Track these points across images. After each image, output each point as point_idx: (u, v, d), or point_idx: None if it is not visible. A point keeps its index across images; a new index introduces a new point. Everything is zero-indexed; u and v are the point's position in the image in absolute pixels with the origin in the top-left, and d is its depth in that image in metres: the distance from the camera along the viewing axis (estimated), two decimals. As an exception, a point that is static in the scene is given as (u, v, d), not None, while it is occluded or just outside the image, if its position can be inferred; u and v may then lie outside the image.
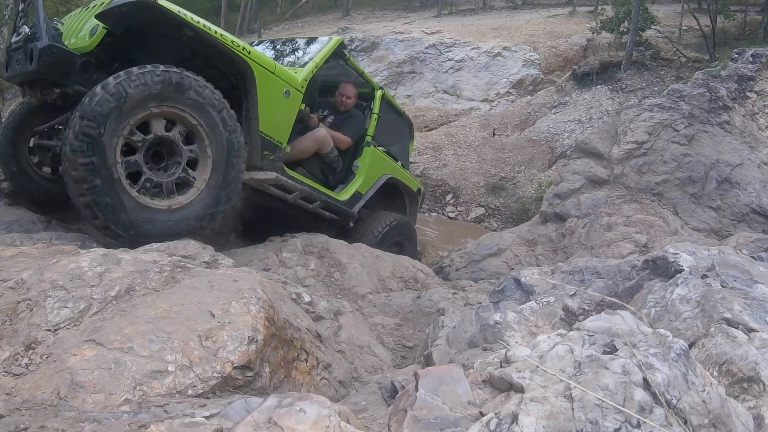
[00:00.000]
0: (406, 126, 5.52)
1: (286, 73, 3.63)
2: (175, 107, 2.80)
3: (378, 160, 4.70)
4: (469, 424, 1.14)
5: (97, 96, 2.56)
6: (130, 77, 2.64)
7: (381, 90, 4.87)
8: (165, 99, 2.75)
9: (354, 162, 4.54)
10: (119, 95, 2.60)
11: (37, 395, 1.42)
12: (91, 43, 2.89)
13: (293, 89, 3.63)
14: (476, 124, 12.60)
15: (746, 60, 7.04)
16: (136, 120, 2.70)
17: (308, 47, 4.34)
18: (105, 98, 2.56)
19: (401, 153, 5.36)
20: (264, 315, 1.81)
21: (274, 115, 3.49)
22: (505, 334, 2.00)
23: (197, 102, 2.85)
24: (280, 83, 3.52)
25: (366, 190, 4.55)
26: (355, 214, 4.48)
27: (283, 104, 3.57)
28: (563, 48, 14.26)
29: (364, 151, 4.55)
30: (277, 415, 1.12)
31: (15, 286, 1.85)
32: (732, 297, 1.72)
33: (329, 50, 4.11)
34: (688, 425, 1.10)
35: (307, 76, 3.80)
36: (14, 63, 3.27)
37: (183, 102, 2.81)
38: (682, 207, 5.83)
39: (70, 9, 12.57)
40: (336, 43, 4.19)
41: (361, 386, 2.11)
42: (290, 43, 4.67)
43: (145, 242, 2.59)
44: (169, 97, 2.76)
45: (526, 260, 5.83)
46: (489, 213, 10.14)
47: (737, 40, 12.47)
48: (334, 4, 26.53)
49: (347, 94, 4.56)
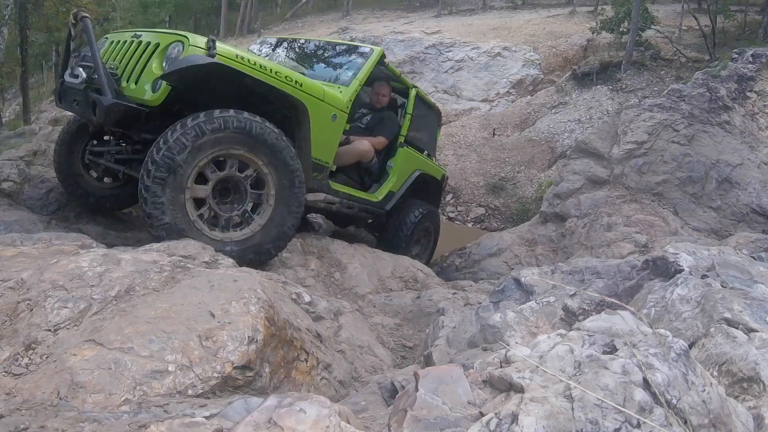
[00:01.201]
0: (435, 116, 5.67)
1: (333, 96, 3.73)
2: (251, 153, 3.03)
3: (410, 158, 4.90)
4: (469, 424, 1.14)
5: (184, 128, 2.81)
6: (211, 117, 2.87)
7: (415, 89, 4.98)
8: (243, 144, 2.97)
9: (387, 162, 4.72)
10: (199, 130, 2.83)
11: (37, 395, 1.42)
12: (157, 99, 2.99)
13: (339, 112, 3.76)
14: (476, 124, 12.61)
15: (746, 60, 7.03)
16: (214, 155, 2.92)
17: (349, 57, 4.40)
18: (190, 130, 2.81)
19: (429, 142, 5.53)
20: (264, 315, 1.81)
21: (322, 139, 3.64)
22: (505, 334, 2.00)
23: (272, 154, 3.08)
24: (328, 109, 3.66)
25: (398, 188, 4.76)
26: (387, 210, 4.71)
27: (330, 128, 3.71)
28: (563, 48, 14.26)
29: (397, 152, 4.73)
30: (277, 415, 1.12)
31: (15, 286, 1.85)
32: (732, 297, 1.72)
33: (371, 65, 4.20)
34: (688, 425, 1.10)
35: (351, 97, 3.91)
36: (71, 101, 3.36)
37: (259, 150, 3.03)
38: (682, 207, 5.83)
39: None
40: (378, 56, 4.28)
41: (361, 386, 2.11)
42: (330, 49, 4.70)
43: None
44: (247, 143, 2.98)
45: (526, 260, 5.83)
46: (489, 213, 10.14)
47: (737, 40, 12.47)
48: (334, 4, 26.54)
49: (383, 93, 4.74)
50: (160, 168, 2.75)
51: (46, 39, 17.32)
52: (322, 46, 4.81)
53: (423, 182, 5.16)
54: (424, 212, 5.05)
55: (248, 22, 24.41)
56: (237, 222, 3.12)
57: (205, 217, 3.00)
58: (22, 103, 13.58)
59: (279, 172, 3.13)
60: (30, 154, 4.36)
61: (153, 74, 3.00)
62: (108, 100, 2.94)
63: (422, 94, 5.15)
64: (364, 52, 4.37)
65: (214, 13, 29.31)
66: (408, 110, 4.88)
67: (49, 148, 4.45)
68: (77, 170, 3.98)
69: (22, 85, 13.72)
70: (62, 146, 3.95)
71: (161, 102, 2.99)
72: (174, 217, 2.82)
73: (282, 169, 3.13)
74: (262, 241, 3.14)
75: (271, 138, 3.06)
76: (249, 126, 2.97)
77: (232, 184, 3.12)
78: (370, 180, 4.64)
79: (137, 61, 3.16)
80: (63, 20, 13.27)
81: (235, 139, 2.95)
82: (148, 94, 2.99)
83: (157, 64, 3.03)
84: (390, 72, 4.69)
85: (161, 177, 2.76)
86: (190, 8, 28.11)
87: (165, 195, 2.79)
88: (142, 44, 3.20)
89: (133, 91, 3.08)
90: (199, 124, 2.84)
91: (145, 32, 3.33)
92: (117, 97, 2.99)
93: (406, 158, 4.83)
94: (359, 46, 4.56)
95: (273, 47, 5.00)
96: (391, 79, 4.84)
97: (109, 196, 4.12)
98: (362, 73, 4.10)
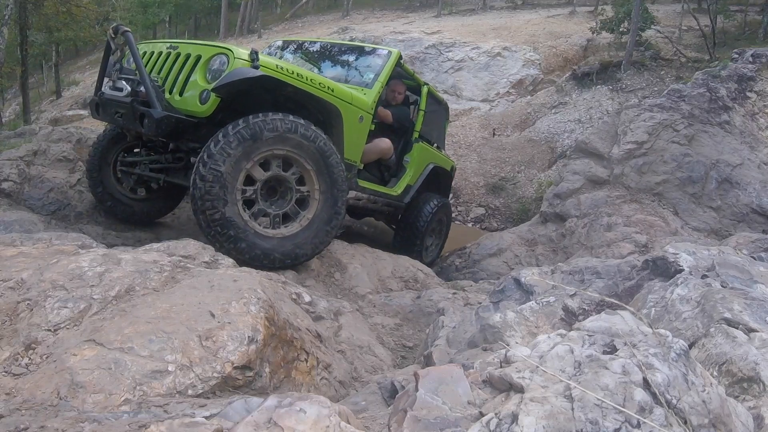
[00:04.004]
0: (444, 110, 5.99)
1: (359, 99, 3.91)
2: (295, 152, 3.18)
3: (424, 153, 5.20)
4: (469, 424, 1.14)
5: (238, 126, 2.96)
6: (266, 120, 3.03)
7: (426, 86, 5.26)
8: (288, 143, 3.13)
9: (404, 157, 5.00)
10: (255, 132, 2.99)
11: (37, 395, 1.42)
12: (207, 110, 3.11)
13: (365, 113, 3.96)
14: (476, 124, 12.60)
15: (746, 60, 7.03)
16: (261, 156, 3.08)
17: (370, 59, 4.58)
18: (243, 131, 2.96)
19: (438, 135, 5.85)
20: (264, 315, 1.81)
21: (351, 140, 3.84)
22: (505, 334, 2.00)
23: (315, 152, 3.24)
24: (356, 111, 3.85)
25: (415, 182, 5.07)
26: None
27: (358, 129, 3.91)
28: (563, 48, 14.26)
29: (413, 147, 5.02)
30: (277, 415, 1.12)
31: (15, 286, 1.85)
32: (732, 297, 1.72)
33: (391, 67, 4.40)
34: (688, 425, 1.10)
35: (375, 98, 4.11)
36: (112, 113, 3.45)
37: (303, 149, 3.19)
38: (682, 207, 5.82)
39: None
40: (396, 58, 4.48)
41: (361, 386, 2.11)
42: (350, 52, 4.88)
43: (244, 259, 2.97)
44: (291, 143, 3.14)
45: (526, 260, 5.83)
46: (489, 213, 10.14)
47: (737, 40, 12.47)
48: (334, 4, 26.54)
49: (398, 90, 5.00)
50: (213, 170, 2.87)
51: (46, 39, 17.33)
52: (342, 49, 4.99)
53: (435, 174, 5.44)
54: (439, 204, 5.36)
55: (248, 22, 24.40)
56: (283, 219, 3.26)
57: (256, 215, 3.15)
58: (22, 103, 13.58)
59: (320, 167, 3.28)
60: (30, 154, 4.36)
61: (198, 86, 3.13)
62: (158, 113, 3.05)
63: (433, 90, 5.40)
64: (383, 54, 4.56)
65: (214, 13, 29.30)
66: (421, 107, 5.15)
67: (49, 148, 4.45)
68: (110, 181, 4.09)
69: (22, 85, 13.72)
70: (95, 157, 4.05)
71: (211, 113, 3.11)
72: (229, 219, 2.94)
73: (326, 170, 3.30)
74: (309, 236, 3.28)
75: (318, 141, 3.22)
76: (294, 127, 3.12)
77: (279, 185, 3.27)
78: (388, 175, 4.86)
79: (178, 72, 3.28)
80: (63, 20, 13.28)
81: (284, 140, 3.10)
82: (196, 106, 3.11)
83: (201, 76, 3.16)
84: (405, 71, 4.95)
85: (214, 179, 2.88)
86: (190, 8, 28.10)
87: (219, 199, 2.90)
88: (182, 56, 3.32)
89: (179, 102, 3.20)
90: (256, 124, 2.98)
91: (181, 44, 3.45)
92: (166, 109, 3.12)
93: (421, 152, 5.11)
94: (377, 48, 4.77)
95: (294, 50, 5.14)
96: (405, 78, 5.09)
97: (142, 207, 4.25)
98: (383, 75, 4.29)
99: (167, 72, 3.36)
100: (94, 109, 3.67)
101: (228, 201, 2.93)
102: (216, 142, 2.93)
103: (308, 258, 3.35)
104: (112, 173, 4.10)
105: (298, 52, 5.07)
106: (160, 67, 3.43)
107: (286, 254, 3.19)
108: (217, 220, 2.91)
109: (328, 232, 3.37)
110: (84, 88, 20.15)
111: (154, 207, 4.33)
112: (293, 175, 3.25)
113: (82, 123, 14.08)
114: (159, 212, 4.42)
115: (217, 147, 2.91)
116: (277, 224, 3.22)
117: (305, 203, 3.33)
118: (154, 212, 4.37)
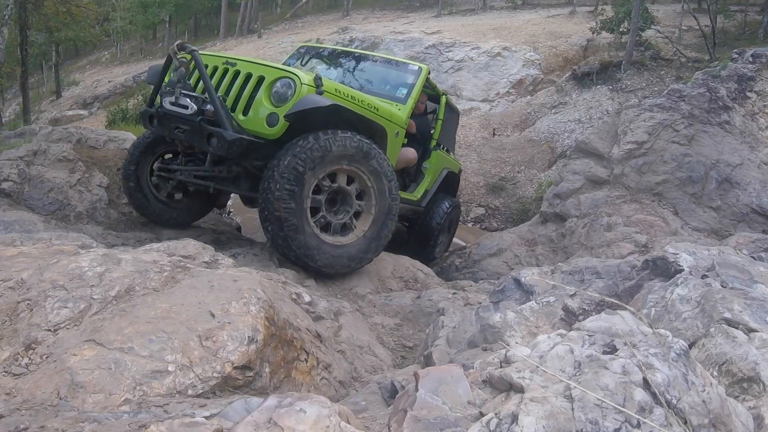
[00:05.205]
0: (455, 116, 6.31)
1: (396, 115, 4.16)
2: (359, 169, 3.45)
3: (440, 159, 5.52)
4: (469, 424, 1.14)
5: (310, 143, 3.20)
6: (335, 137, 3.28)
7: (445, 95, 5.57)
8: (354, 160, 3.40)
9: (423, 164, 5.28)
10: (325, 148, 3.22)
11: (37, 395, 1.42)
12: (275, 133, 3.29)
13: (400, 128, 4.21)
14: (476, 124, 12.60)
15: (746, 60, 7.02)
16: (330, 170, 3.33)
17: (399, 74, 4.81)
18: (316, 146, 3.20)
19: (449, 139, 6.12)
20: (264, 315, 1.81)
21: (390, 154, 4.02)
22: (505, 334, 2.00)
23: (376, 170, 3.51)
24: (393, 127, 4.08)
25: (431, 186, 5.37)
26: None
27: (394, 143, 4.14)
28: (563, 48, 14.26)
29: (431, 155, 5.32)
30: (277, 415, 1.12)
31: (15, 286, 1.85)
32: (732, 297, 1.72)
33: (422, 83, 4.68)
34: (688, 425, 1.10)
35: (408, 114, 4.40)
36: (171, 128, 3.53)
37: (366, 166, 3.47)
38: (682, 207, 5.82)
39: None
40: (425, 74, 4.76)
41: (361, 386, 2.11)
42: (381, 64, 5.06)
43: (309, 265, 3.31)
44: (357, 160, 3.41)
45: (526, 260, 5.82)
46: (489, 213, 10.14)
47: (737, 40, 12.47)
48: (334, 4, 26.54)
49: (421, 101, 5.22)
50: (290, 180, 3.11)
51: (46, 39, 17.33)
52: (374, 61, 5.15)
53: (446, 177, 5.76)
54: (453, 205, 5.81)
55: (248, 22, 24.40)
56: (344, 228, 3.52)
57: (320, 223, 3.38)
58: (22, 103, 13.57)
59: (380, 192, 3.57)
60: (30, 154, 4.36)
61: (264, 106, 3.31)
62: (231, 135, 3.20)
63: (449, 99, 5.72)
64: (414, 69, 4.80)
65: (214, 13, 29.31)
66: (439, 116, 5.48)
67: (49, 148, 4.45)
68: (146, 185, 4.14)
69: (22, 85, 13.72)
70: (132, 163, 4.10)
71: (280, 136, 3.28)
72: (299, 226, 3.17)
73: (382, 190, 3.57)
74: (365, 244, 3.55)
75: (377, 157, 3.49)
76: (361, 145, 3.39)
77: (340, 197, 3.53)
78: (408, 180, 5.15)
79: (239, 90, 3.43)
80: (63, 20, 13.27)
81: (350, 156, 3.35)
82: (264, 128, 3.29)
83: (266, 98, 3.32)
84: (428, 83, 5.14)
85: (290, 189, 3.13)
86: (190, 8, 28.10)
87: (292, 209, 3.13)
88: (242, 74, 3.46)
89: (244, 122, 3.36)
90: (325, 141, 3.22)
91: (239, 61, 3.54)
92: (236, 130, 3.24)
93: (438, 159, 5.43)
94: (408, 64, 5.02)
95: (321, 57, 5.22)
96: (427, 88, 5.28)
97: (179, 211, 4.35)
98: (415, 91, 4.56)
99: (226, 88, 3.48)
100: (147, 120, 3.73)
101: (300, 203, 3.17)
102: (287, 158, 3.13)
103: (361, 264, 3.61)
104: (148, 178, 4.16)
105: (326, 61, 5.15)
106: (217, 82, 3.51)
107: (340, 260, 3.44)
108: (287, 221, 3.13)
109: (375, 248, 3.62)
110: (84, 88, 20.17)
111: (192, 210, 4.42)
112: (356, 190, 3.52)
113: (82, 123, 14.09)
114: (197, 215, 4.51)
115: (289, 164, 3.11)
116: (337, 233, 3.47)
117: (360, 216, 3.59)
118: (192, 215, 4.46)
